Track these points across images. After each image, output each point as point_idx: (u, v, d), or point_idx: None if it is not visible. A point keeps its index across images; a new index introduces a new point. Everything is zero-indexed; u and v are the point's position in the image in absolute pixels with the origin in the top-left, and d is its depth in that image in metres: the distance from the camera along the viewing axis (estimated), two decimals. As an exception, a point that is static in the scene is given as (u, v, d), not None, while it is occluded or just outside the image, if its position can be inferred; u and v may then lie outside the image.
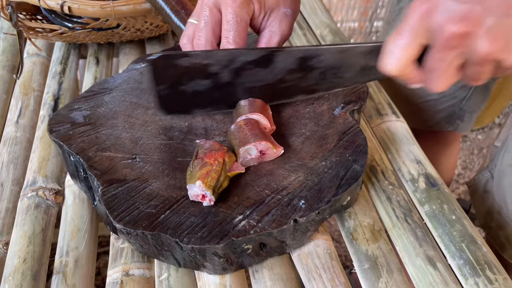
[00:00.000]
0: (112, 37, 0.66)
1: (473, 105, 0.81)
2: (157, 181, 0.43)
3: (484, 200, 0.73)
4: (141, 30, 0.66)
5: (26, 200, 0.48)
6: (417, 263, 0.42)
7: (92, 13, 0.60)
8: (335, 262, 0.42)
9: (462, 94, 0.79)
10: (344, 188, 0.42)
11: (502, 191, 0.68)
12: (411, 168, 0.51)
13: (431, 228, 0.46)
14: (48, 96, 0.61)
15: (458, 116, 0.82)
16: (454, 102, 0.80)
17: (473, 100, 0.80)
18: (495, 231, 0.69)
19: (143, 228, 0.38)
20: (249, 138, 0.43)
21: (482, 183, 0.74)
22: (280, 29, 0.48)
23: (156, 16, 0.65)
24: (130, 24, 0.64)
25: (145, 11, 0.63)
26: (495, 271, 0.42)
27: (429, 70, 0.38)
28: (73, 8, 0.60)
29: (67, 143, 0.46)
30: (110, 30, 0.64)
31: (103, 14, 0.61)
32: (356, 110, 0.50)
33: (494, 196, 0.70)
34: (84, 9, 0.60)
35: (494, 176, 0.71)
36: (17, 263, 0.42)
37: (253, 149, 0.43)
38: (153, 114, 0.50)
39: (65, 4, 0.59)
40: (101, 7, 0.60)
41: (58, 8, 0.59)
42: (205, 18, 0.46)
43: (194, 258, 0.39)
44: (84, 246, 0.45)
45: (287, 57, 0.44)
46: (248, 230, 0.38)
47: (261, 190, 0.42)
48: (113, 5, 0.61)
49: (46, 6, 0.60)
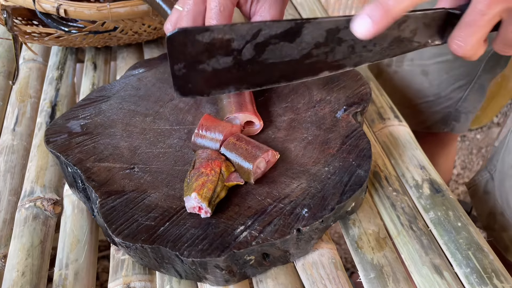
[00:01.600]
0: (110, 40, 0.65)
1: (469, 106, 0.80)
2: (156, 192, 0.42)
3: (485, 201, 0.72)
4: (139, 33, 0.65)
5: (24, 211, 0.47)
6: (423, 272, 0.42)
7: (89, 16, 0.59)
8: (340, 272, 0.41)
9: (458, 95, 0.78)
10: (349, 194, 0.41)
11: (505, 193, 0.67)
12: (415, 174, 0.50)
13: (436, 236, 0.45)
14: (45, 103, 0.60)
15: (454, 117, 0.81)
16: (450, 103, 0.79)
17: (469, 101, 0.79)
18: (499, 233, 0.69)
19: (142, 241, 0.37)
20: (254, 152, 0.42)
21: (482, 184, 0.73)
22: (270, 14, 0.48)
23: (153, 18, 0.64)
24: (128, 27, 0.63)
25: (143, 13, 0.61)
26: (502, 279, 0.41)
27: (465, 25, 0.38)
28: (69, 11, 0.59)
29: (64, 154, 0.45)
30: (107, 33, 0.63)
31: (99, 17, 0.60)
32: (359, 112, 0.50)
33: (496, 197, 0.70)
34: (80, 11, 0.59)
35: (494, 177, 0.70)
36: (16, 276, 0.42)
37: (262, 162, 0.42)
38: (152, 122, 0.49)
39: (61, 7, 0.58)
40: (98, 9, 0.59)
41: (54, 11, 0.58)
42: (187, 7, 0.46)
43: (195, 271, 0.38)
44: (84, 258, 0.44)
45: (315, 29, 0.40)
46: (250, 242, 0.37)
47: (263, 199, 0.41)
48: (109, 7, 0.59)
49: (42, 10, 0.59)
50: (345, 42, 0.41)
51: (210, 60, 0.41)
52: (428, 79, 0.76)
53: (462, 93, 0.78)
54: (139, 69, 0.57)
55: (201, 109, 0.51)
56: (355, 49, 0.41)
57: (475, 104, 0.81)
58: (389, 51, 0.42)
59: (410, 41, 0.41)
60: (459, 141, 1.56)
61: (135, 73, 0.56)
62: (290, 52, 0.41)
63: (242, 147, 0.43)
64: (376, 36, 0.38)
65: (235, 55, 0.41)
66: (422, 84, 0.77)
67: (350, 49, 0.41)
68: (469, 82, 0.78)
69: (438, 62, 0.75)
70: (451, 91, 0.78)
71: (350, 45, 0.41)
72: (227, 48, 0.41)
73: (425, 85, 0.77)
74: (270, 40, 0.40)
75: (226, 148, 0.43)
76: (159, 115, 0.50)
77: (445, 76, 0.77)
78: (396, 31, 0.40)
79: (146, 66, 0.58)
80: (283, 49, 0.41)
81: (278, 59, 0.42)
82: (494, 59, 0.75)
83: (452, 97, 0.79)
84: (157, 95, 0.53)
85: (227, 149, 0.43)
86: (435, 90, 0.78)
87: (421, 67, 0.77)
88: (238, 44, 0.41)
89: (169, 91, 0.53)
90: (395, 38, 0.41)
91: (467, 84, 0.78)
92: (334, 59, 0.42)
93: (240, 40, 0.40)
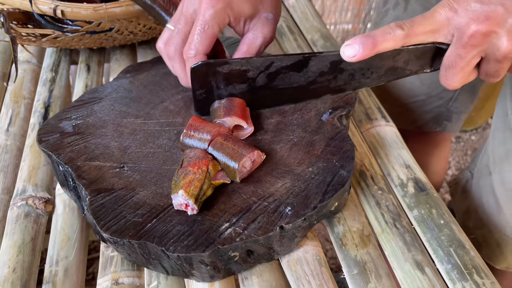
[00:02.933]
0: (106, 41, 0.66)
1: (460, 106, 0.81)
2: (144, 190, 0.43)
3: (463, 199, 0.74)
4: (134, 33, 0.67)
5: (16, 209, 0.48)
6: (405, 268, 0.43)
7: (85, 16, 0.60)
8: (324, 269, 0.42)
9: (449, 95, 0.79)
10: (331, 194, 0.42)
11: (479, 190, 0.68)
12: (400, 173, 0.51)
13: (419, 233, 0.46)
14: (38, 104, 0.61)
15: (446, 117, 0.83)
16: (441, 102, 0.80)
17: (460, 101, 0.80)
18: (473, 230, 0.70)
19: (129, 237, 0.38)
20: (240, 151, 0.43)
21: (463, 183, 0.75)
22: (262, 33, 0.50)
23: (149, 18, 0.65)
24: (123, 27, 0.64)
25: (138, 12, 0.63)
26: (482, 275, 0.42)
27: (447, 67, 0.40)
28: (66, 12, 0.60)
29: (56, 153, 0.46)
30: (103, 34, 0.64)
31: (96, 17, 0.61)
32: (344, 115, 0.51)
33: (472, 195, 0.71)
34: (77, 12, 0.60)
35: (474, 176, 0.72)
36: (7, 272, 0.42)
37: (248, 161, 0.43)
38: (142, 123, 0.50)
39: (57, 8, 0.59)
40: (94, 9, 0.60)
41: (51, 12, 0.59)
42: (178, 27, 0.49)
43: (181, 266, 0.39)
44: (74, 255, 0.45)
45: (321, 62, 0.46)
46: (234, 238, 0.38)
47: (248, 197, 0.42)
48: (106, 7, 0.61)
49: (39, 11, 0.60)
50: (346, 71, 0.47)
51: (227, 87, 0.48)
52: (420, 78, 0.78)
53: (452, 93, 0.79)
54: (132, 72, 0.58)
55: (191, 111, 0.52)
56: (354, 76, 0.47)
57: (467, 104, 0.82)
58: (384, 77, 0.47)
59: (403, 70, 0.46)
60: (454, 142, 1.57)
61: (128, 76, 0.57)
62: (298, 79, 0.48)
63: (229, 147, 0.44)
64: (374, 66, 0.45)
65: (249, 83, 0.48)
66: (413, 83, 0.79)
67: (350, 77, 0.47)
68: None
69: None
70: (441, 90, 0.79)
71: (350, 73, 0.47)
72: (243, 77, 0.47)
73: (417, 84, 0.79)
74: (281, 70, 0.47)
75: (214, 147, 0.44)
76: (150, 116, 0.51)
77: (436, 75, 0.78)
78: (391, 62, 0.45)
79: (138, 69, 0.59)
80: (291, 77, 0.47)
81: (286, 85, 0.48)
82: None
83: (443, 97, 0.80)
84: (148, 97, 0.54)
85: (214, 148, 0.44)
86: (426, 89, 0.79)
87: None
88: (253, 74, 0.47)
89: (160, 94, 0.54)
90: (390, 67, 0.46)
91: None
92: (336, 84, 0.48)
93: (255, 70, 0.47)
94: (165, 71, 0.57)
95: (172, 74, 0.53)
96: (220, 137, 0.45)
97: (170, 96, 0.54)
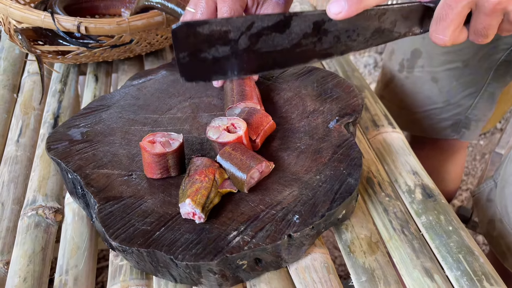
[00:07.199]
0: (124, 53, 0.68)
1: (479, 113, 0.81)
2: (152, 198, 0.43)
3: (487, 208, 0.73)
4: (151, 44, 0.68)
5: (26, 219, 0.48)
6: (414, 275, 0.42)
7: (109, 31, 0.62)
8: (333, 276, 0.42)
9: (467, 103, 0.79)
10: (339, 202, 0.42)
11: (504, 200, 0.68)
12: (408, 179, 0.51)
13: (428, 240, 0.46)
14: (48, 115, 0.62)
15: (464, 125, 0.82)
16: (460, 110, 0.80)
17: (479, 108, 0.80)
18: (497, 240, 0.69)
19: (138, 245, 0.39)
20: (248, 163, 0.43)
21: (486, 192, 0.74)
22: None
23: (166, 28, 0.66)
24: (142, 39, 0.65)
25: (158, 23, 0.64)
26: (492, 282, 0.41)
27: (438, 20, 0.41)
28: (90, 28, 0.60)
29: (65, 160, 0.47)
30: (123, 46, 0.65)
31: (119, 31, 0.62)
32: (351, 123, 0.51)
33: (496, 205, 0.70)
34: (100, 27, 0.61)
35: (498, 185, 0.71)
36: (18, 282, 0.43)
37: (256, 172, 0.44)
38: (150, 130, 0.51)
39: (81, 24, 0.60)
40: (118, 24, 0.61)
41: (74, 29, 0.60)
42: (201, 9, 0.50)
43: (189, 275, 0.39)
44: (83, 264, 0.45)
45: (303, 22, 0.45)
46: (242, 246, 0.38)
47: (256, 206, 0.42)
48: (128, 21, 0.62)
49: (63, 29, 0.61)
50: (331, 33, 0.46)
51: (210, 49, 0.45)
52: (438, 86, 0.77)
53: (471, 100, 0.79)
54: (139, 79, 0.59)
55: (197, 118, 0.52)
56: (340, 39, 0.46)
57: (485, 112, 0.82)
58: (372, 40, 0.46)
59: (391, 32, 0.46)
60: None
61: (135, 83, 0.58)
62: (281, 42, 0.46)
63: (237, 157, 0.44)
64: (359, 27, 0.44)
65: (232, 45, 0.46)
66: (432, 90, 0.78)
67: (336, 39, 0.46)
68: (479, 90, 0.78)
69: (448, 69, 0.76)
70: (460, 98, 0.78)
71: (336, 35, 0.46)
72: (225, 38, 0.45)
73: (435, 92, 0.78)
74: (262, 31, 0.45)
75: (222, 157, 0.44)
76: (157, 124, 0.52)
77: (455, 83, 0.77)
78: (377, 23, 0.45)
79: (146, 77, 0.59)
80: (274, 39, 0.46)
81: (270, 48, 0.46)
82: (503, 68, 0.75)
83: (461, 104, 0.79)
84: (155, 105, 0.54)
85: (222, 158, 0.44)
86: (444, 97, 0.79)
87: (431, 74, 0.78)
88: (234, 35, 0.45)
89: (167, 101, 0.55)
90: (376, 29, 0.45)
91: (477, 92, 0.79)
92: (322, 48, 0.46)
93: (236, 31, 0.45)
94: (172, 78, 0.58)
95: (179, 81, 0.54)
96: (228, 147, 0.45)
97: (178, 104, 0.54)
